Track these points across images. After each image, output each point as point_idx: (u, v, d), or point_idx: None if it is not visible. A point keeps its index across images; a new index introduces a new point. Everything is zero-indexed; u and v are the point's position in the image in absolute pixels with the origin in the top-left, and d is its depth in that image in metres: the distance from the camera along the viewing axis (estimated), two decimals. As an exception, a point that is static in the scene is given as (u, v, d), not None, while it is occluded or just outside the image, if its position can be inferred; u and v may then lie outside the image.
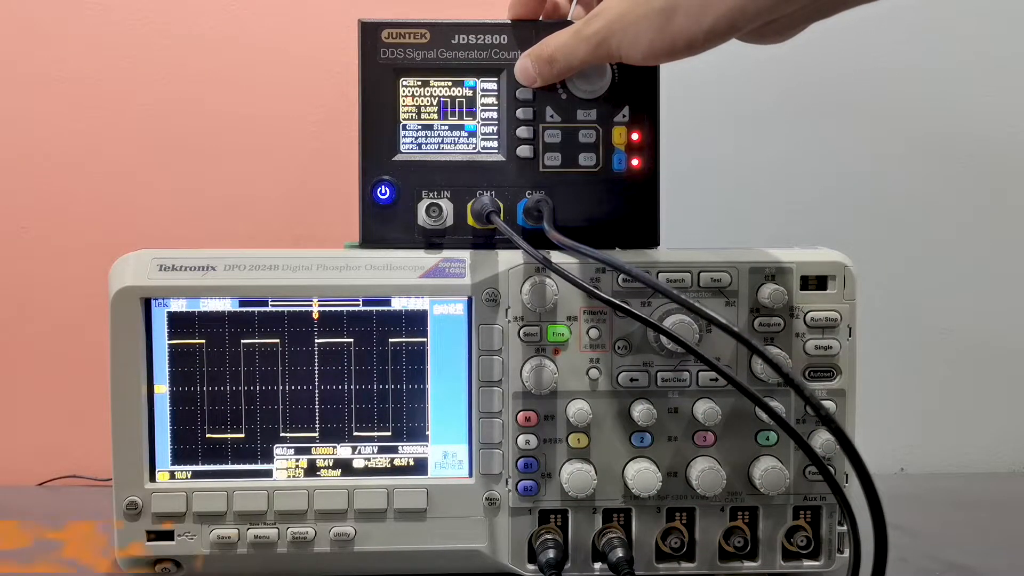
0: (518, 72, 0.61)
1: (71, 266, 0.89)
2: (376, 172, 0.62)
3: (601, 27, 0.54)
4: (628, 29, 0.53)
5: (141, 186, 0.90)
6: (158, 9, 0.90)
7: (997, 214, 0.96)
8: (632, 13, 0.52)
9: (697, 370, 0.60)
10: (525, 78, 0.61)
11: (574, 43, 0.56)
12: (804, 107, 0.95)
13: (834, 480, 0.50)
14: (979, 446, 0.97)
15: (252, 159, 0.91)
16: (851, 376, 0.60)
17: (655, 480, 0.58)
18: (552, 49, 0.58)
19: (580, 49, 0.56)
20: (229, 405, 0.60)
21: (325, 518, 0.60)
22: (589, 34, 0.55)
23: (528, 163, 0.62)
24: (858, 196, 0.95)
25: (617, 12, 0.53)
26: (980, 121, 0.96)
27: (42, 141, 0.90)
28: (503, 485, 0.60)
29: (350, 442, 0.61)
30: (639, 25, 0.52)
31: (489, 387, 0.60)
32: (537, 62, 0.59)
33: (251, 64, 0.90)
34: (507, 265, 0.60)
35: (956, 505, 0.83)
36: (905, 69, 0.95)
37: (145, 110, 0.90)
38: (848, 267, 0.60)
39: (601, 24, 0.54)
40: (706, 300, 0.59)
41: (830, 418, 0.45)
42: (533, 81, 0.60)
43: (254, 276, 0.59)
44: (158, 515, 0.59)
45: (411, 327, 0.61)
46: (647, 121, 0.62)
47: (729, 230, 0.92)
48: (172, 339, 0.60)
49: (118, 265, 0.60)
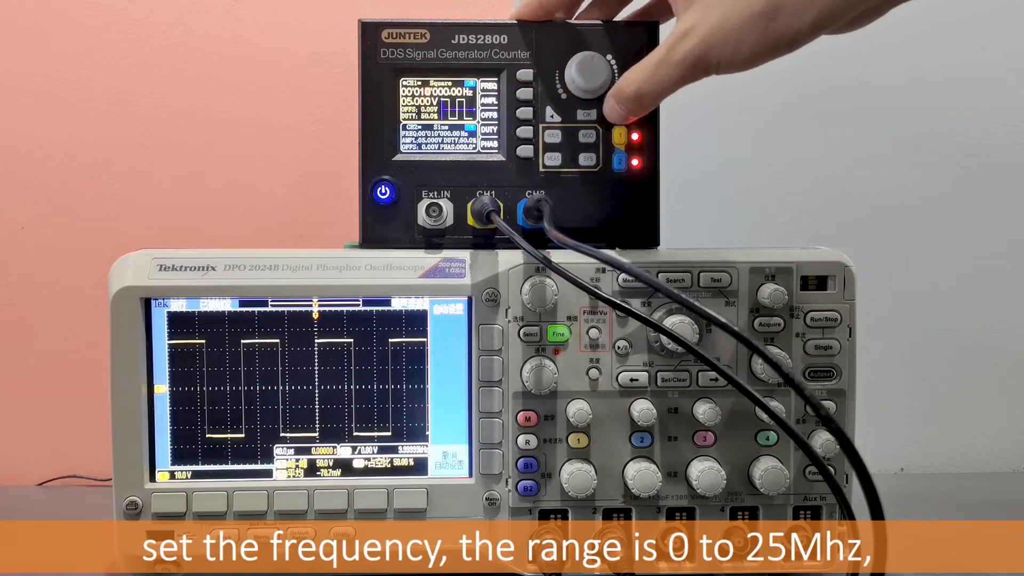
0: (607, 113, 0.61)
1: (71, 266, 0.89)
2: (376, 172, 0.62)
3: (695, 45, 0.52)
4: (728, 39, 0.52)
5: (141, 186, 0.90)
6: (158, 9, 0.90)
7: (997, 214, 0.96)
8: (729, 22, 0.51)
9: (697, 370, 0.60)
10: (614, 118, 0.61)
11: (664, 72, 0.54)
12: (804, 107, 0.95)
13: (834, 480, 0.50)
14: (979, 446, 0.97)
15: (252, 159, 0.91)
16: (851, 376, 0.60)
17: (655, 480, 0.58)
18: (636, 86, 0.56)
19: (674, 74, 0.54)
20: (229, 405, 0.60)
21: (325, 518, 0.60)
22: (681, 57, 0.53)
23: (528, 163, 0.62)
24: (858, 196, 0.95)
25: (711, 26, 0.52)
26: (981, 122, 0.96)
27: (42, 141, 0.90)
28: (503, 485, 0.60)
29: (350, 442, 0.61)
30: (740, 32, 0.51)
31: (489, 387, 0.60)
32: (622, 102, 0.58)
33: (251, 64, 0.90)
34: (507, 265, 0.60)
35: (956, 505, 0.83)
36: (905, 70, 0.95)
37: (145, 110, 0.90)
38: (848, 267, 0.60)
39: (695, 42, 0.52)
40: (706, 300, 0.59)
41: (830, 418, 0.45)
42: (624, 119, 0.60)
43: (254, 276, 0.59)
44: (158, 515, 0.59)
45: (411, 327, 0.61)
46: (647, 121, 0.62)
47: (729, 230, 0.92)
48: (172, 339, 0.60)
49: (118, 265, 0.60)
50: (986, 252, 0.96)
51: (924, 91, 0.95)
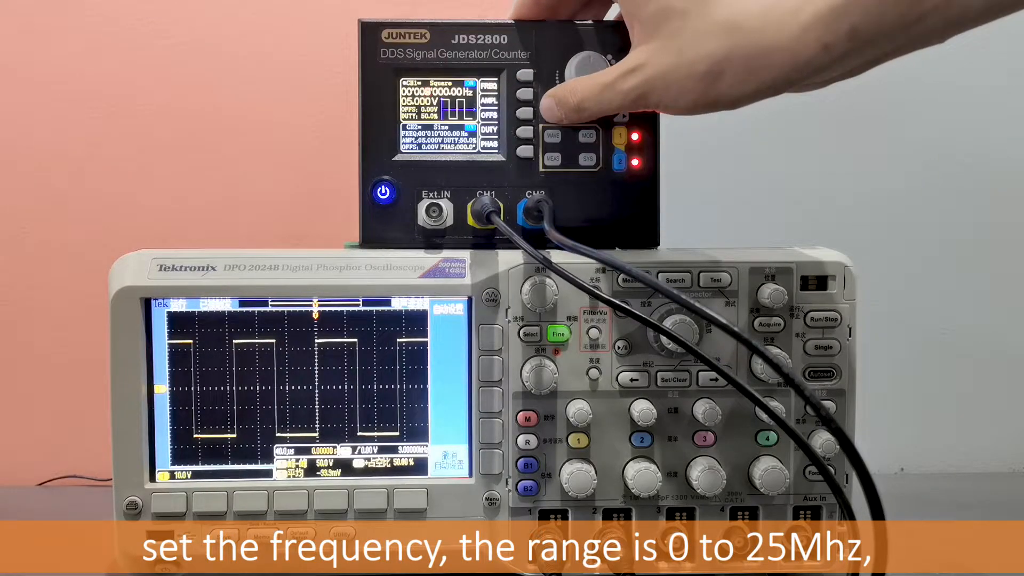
0: (543, 110, 0.61)
1: (71, 266, 0.89)
2: (376, 172, 0.62)
3: (639, 83, 0.54)
4: (670, 88, 0.53)
5: (141, 186, 0.90)
6: (158, 10, 0.90)
7: (998, 215, 0.96)
8: (674, 74, 0.52)
9: (697, 370, 0.60)
10: (550, 117, 0.61)
11: (608, 96, 0.56)
12: (805, 107, 0.95)
13: (834, 480, 0.50)
14: (979, 446, 0.97)
15: (252, 159, 0.91)
16: (851, 376, 0.60)
17: (655, 480, 0.58)
18: (580, 98, 0.58)
19: (615, 101, 0.56)
20: (229, 405, 0.60)
21: (325, 518, 0.60)
22: (626, 89, 0.55)
23: (528, 163, 0.62)
24: (858, 196, 0.95)
25: (657, 71, 0.53)
26: (982, 121, 0.96)
27: (42, 141, 0.90)
28: (503, 485, 0.60)
29: (350, 442, 0.61)
30: (682, 85, 0.52)
31: (489, 387, 0.60)
32: (563, 107, 0.59)
33: (251, 64, 0.90)
34: (507, 265, 0.60)
35: (956, 505, 0.83)
36: (906, 70, 0.95)
37: (145, 110, 0.90)
38: (848, 267, 0.60)
39: (639, 80, 0.54)
40: (706, 300, 0.59)
41: (830, 418, 0.45)
42: (559, 121, 0.60)
43: (254, 276, 0.59)
44: (158, 515, 0.59)
45: (411, 327, 0.61)
46: (647, 121, 0.62)
47: (729, 230, 0.92)
48: (172, 339, 0.60)
49: (118, 265, 0.60)
50: (987, 252, 0.96)
51: (925, 91, 0.95)
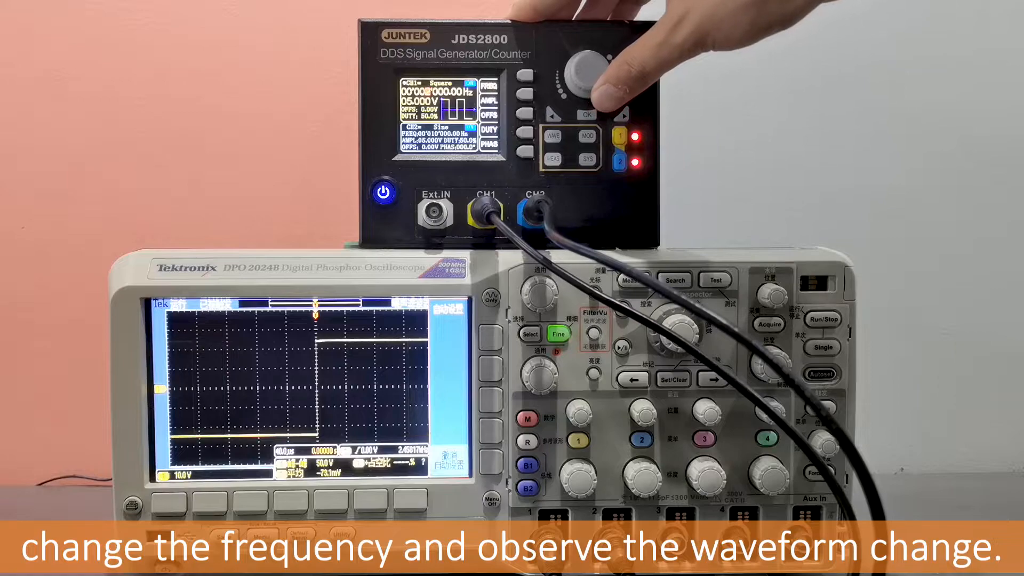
0: (599, 101, 0.61)
1: (71, 266, 0.89)
2: (376, 172, 0.62)
3: (692, 30, 0.56)
4: (723, 25, 0.55)
5: (141, 186, 0.90)
6: (158, 10, 0.90)
7: (998, 216, 0.96)
8: (722, 10, 0.55)
9: (697, 370, 0.60)
10: (609, 103, 0.60)
11: (665, 53, 0.58)
12: (805, 107, 0.95)
13: (834, 480, 0.50)
14: (979, 446, 0.97)
15: (252, 159, 0.91)
16: (851, 376, 0.60)
17: (655, 480, 0.58)
18: (640, 65, 0.59)
19: (673, 55, 0.58)
20: (229, 405, 0.60)
21: (325, 518, 0.60)
22: (681, 40, 0.57)
23: (528, 163, 0.62)
24: (858, 196, 0.95)
25: (704, 13, 0.55)
26: (983, 121, 0.96)
27: (42, 141, 0.90)
28: (503, 485, 0.60)
29: (350, 442, 0.61)
30: (735, 18, 0.55)
31: (489, 387, 0.60)
32: (623, 83, 0.59)
33: (251, 64, 0.90)
34: (507, 265, 0.60)
35: (956, 505, 0.83)
36: (906, 70, 0.95)
37: (145, 111, 0.90)
38: (848, 267, 0.60)
39: (691, 28, 0.56)
40: (706, 300, 0.59)
41: (830, 418, 0.45)
42: (621, 101, 0.60)
43: (254, 276, 0.59)
44: (158, 515, 0.59)
45: (411, 327, 0.61)
46: (647, 121, 0.62)
47: (729, 230, 0.92)
48: (172, 339, 0.60)
49: (118, 265, 0.60)
50: (987, 252, 0.96)
51: (926, 90, 0.95)
